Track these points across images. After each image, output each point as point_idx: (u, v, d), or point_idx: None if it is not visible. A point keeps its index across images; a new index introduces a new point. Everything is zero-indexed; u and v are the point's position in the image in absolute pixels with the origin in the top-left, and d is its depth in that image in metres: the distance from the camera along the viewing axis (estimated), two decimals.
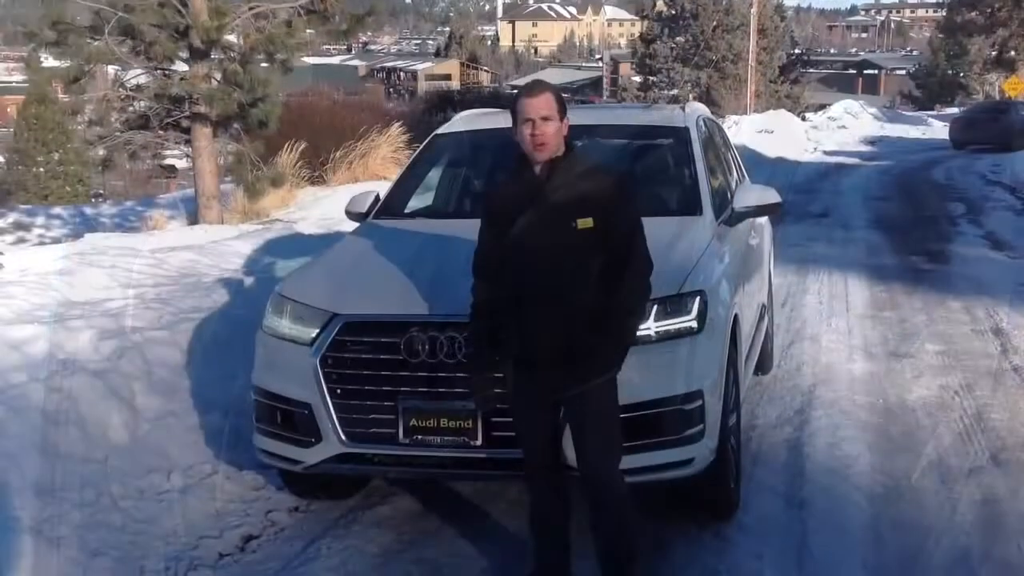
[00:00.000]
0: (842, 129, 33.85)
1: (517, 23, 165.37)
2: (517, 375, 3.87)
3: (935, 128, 37.49)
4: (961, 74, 56.33)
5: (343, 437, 4.39)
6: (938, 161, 24.52)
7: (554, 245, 3.75)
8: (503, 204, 3.91)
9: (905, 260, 11.65)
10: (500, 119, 5.85)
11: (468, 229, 4.18)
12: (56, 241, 13.86)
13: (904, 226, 14.38)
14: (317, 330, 4.46)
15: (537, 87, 3.89)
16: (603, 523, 3.91)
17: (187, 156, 14.30)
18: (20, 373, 5.41)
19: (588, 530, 3.95)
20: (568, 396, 3.80)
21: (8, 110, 52.24)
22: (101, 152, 13.39)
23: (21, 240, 15.63)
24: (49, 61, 13.80)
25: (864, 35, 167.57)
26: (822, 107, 41.29)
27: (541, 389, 3.85)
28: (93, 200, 29.72)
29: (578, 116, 4.59)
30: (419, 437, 4.28)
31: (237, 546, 4.66)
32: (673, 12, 47.10)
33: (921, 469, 5.40)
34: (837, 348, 7.77)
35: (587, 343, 3.72)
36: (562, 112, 3.85)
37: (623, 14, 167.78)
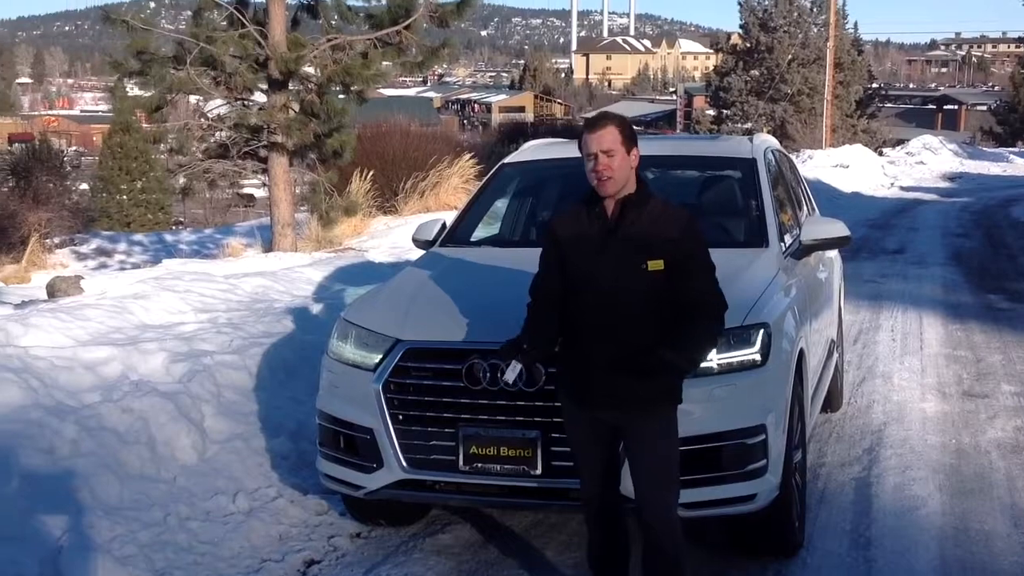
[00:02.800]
0: (920, 165, 33.18)
1: (591, 56, 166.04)
2: (572, 408, 3.87)
3: (1017, 165, 36.61)
4: None
5: (404, 463, 4.41)
6: (1019, 199, 23.94)
7: (621, 286, 3.71)
8: (571, 234, 3.86)
9: (983, 298, 11.39)
10: (569, 149, 5.87)
11: (533, 258, 4.17)
12: (135, 267, 14.21)
13: (982, 264, 14.06)
14: (380, 355, 4.50)
15: (600, 120, 3.83)
16: (656, 560, 3.86)
17: (264, 185, 14.56)
18: (94, 393, 5.55)
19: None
20: (626, 428, 3.78)
21: (95, 139, 53.70)
22: (181, 180, 13.69)
23: (103, 265, 16.09)
24: (134, 91, 14.19)
25: (944, 70, 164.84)
26: (900, 142, 40.48)
27: (595, 424, 3.84)
28: (173, 227, 30.40)
29: (646, 147, 4.58)
30: (479, 465, 4.29)
31: (299, 570, 4.70)
32: (748, 45, 46.77)
33: (993, 512, 5.26)
34: (909, 387, 7.62)
35: (644, 378, 3.69)
36: (629, 144, 3.80)
37: (698, 47, 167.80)
